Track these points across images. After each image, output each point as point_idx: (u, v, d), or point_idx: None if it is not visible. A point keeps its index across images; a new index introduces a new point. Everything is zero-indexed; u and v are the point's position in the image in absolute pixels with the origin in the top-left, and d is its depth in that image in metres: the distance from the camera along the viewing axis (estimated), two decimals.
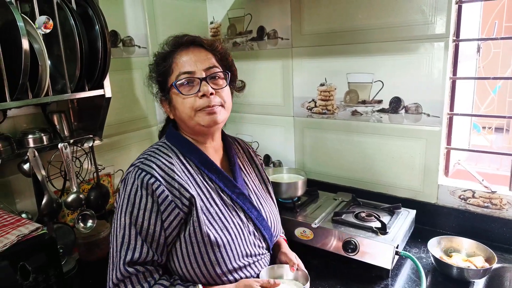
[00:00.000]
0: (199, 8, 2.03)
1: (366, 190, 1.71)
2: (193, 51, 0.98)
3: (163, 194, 0.89)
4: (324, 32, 1.67)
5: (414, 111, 1.51)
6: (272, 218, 1.09)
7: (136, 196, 0.89)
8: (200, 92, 0.94)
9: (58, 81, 1.23)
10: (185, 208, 0.91)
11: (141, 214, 0.88)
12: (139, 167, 0.92)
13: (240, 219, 0.99)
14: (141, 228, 0.88)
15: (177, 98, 0.97)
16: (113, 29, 1.60)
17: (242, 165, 1.14)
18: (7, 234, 1.04)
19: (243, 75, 2.03)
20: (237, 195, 1.00)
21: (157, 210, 0.89)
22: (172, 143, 1.01)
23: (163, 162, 0.94)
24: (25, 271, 1.00)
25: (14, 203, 1.36)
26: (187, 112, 0.95)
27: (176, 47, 0.99)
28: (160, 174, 0.91)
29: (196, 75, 0.95)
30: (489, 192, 1.44)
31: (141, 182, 0.89)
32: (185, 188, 0.92)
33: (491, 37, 1.59)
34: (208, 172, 0.99)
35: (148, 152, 0.98)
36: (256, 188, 1.12)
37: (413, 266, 1.33)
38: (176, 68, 0.96)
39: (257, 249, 1.01)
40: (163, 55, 1.00)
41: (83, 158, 1.47)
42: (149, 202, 0.89)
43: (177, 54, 0.98)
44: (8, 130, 1.31)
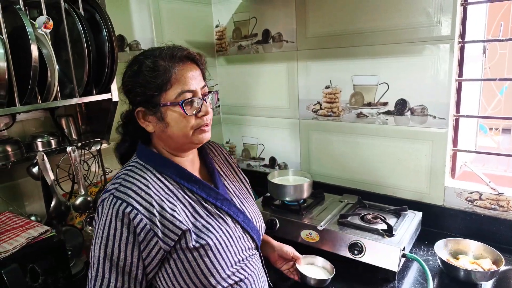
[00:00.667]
0: (204, 12, 2.04)
1: (372, 192, 1.71)
2: (190, 68, 0.93)
3: (141, 223, 0.84)
4: (329, 35, 1.68)
5: (420, 113, 1.51)
6: (256, 217, 1.08)
7: (111, 227, 0.84)
8: (201, 112, 0.93)
9: (66, 85, 1.25)
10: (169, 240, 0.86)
11: (116, 246, 0.84)
12: (113, 195, 0.86)
13: (227, 225, 0.96)
14: (117, 261, 0.84)
15: (175, 115, 0.91)
16: (120, 34, 1.62)
17: (220, 169, 1.12)
18: (17, 236, 1.06)
19: (248, 78, 2.04)
20: (221, 201, 0.98)
21: (134, 240, 0.84)
22: (145, 162, 0.95)
23: (139, 186, 0.88)
24: (34, 273, 1.02)
25: (23, 206, 1.38)
26: (185, 131, 0.92)
27: (174, 61, 0.91)
28: (137, 200, 0.85)
29: (198, 95, 0.92)
30: (496, 194, 1.43)
31: (116, 213, 0.84)
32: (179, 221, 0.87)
33: (497, 38, 1.58)
34: (187, 184, 0.95)
35: (122, 175, 0.91)
36: (237, 190, 1.11)
37: (420, 269, 1.32)
38: (177, 84, 0.90)
39: (247, 252, 1.00)
40: (164, 67, 0.89)
41: (91, 161, 1.49)
42: (125, 233, 0.83)
43: (176, 69, 0.90)
44: (18, 134, 1.33)
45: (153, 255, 0.86)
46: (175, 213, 0.88)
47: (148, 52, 0.94)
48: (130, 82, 0.93)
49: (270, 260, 1.28)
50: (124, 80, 0.96)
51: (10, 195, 1.34)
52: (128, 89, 0.94)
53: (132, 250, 0.84)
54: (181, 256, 0.88)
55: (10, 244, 1.01)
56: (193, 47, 1.99)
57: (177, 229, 0.87)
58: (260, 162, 2.14)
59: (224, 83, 2.16)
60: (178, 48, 0.93)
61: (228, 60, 2.10)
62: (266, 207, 1.64)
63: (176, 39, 1.88)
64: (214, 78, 2.16)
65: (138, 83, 0.91)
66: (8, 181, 1.33)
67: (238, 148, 2.23)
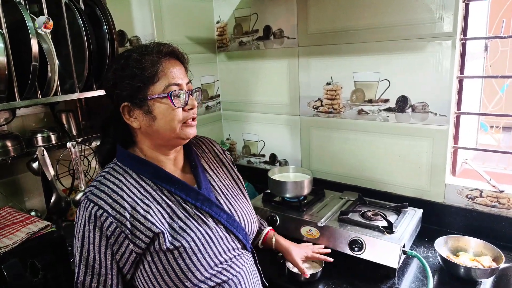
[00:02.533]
0: (205, 7, 2.03)
1: (372, 189, 1.71)
2: (175, 63, 0.95)
3: (111, 226, 0.85)
4: (330, 31, 1.67)
5: (421, 110, 1.51)
6: (246, 217, 1.06)
7: (85, 230, 0.86)
8: (188, 105, 0.94)
9: (67, 80, 1.24)
10: (140, 243, 0.86)
11: (91, 249, 0.86)
12: (88, 198, 0.88)
13: (207, 226, 0.94)
14: (93, 263, 0.86)
15: (163, 108, 0.91)
16: (121, 29, 1.61)
17: (207, 166, 1.10)
18: (17, 231, 1.06)
19: (249, 74, 2.03)
20: (201, 202, 0.96)
21: (106, 243, 0.86)
22: (123, 164, 0.95)
23: (112, 188, 0.89)
24: (34, 268, 1.01)
25: (23, 201, 1.38)
26: (173, 124, 0.92)
27: (161, 56, 0.93)
28: (109, 203, 0.87)
29: (184, 89, 0.94)
30: (496, 192, 1.43)
31: (88, 215, 0.86)
32: (151, 223, 0.87)
33: (498, 35, 1.58)
34: (165, 185, 0.94)
35: (98, 178, 0.93)
36: (225, 188, 1.08)
37: (420, 266, 1.32)
38: (164, 77, 0.91)
39: (230, 253, 0.97)
40: (152, 60, 0.91)
41: (91, 157, 1.48)
42: (97, 235, 0.86)
43: (163, 63, 0.92)
44: (17, 129, 1.33)
45: (126, 257, 0.87)
46: (148, 214, 0.88)
47: (134, 48, 0.96)
48: (116, 76, 0.93)
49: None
50: (108, 75, 0.95)
51: (10, 190, 1.34)
52: (114, 83, 0.93)
53: (105, 253, 0.86)
54: (154, 258, 0.87)
55: (10, 239, 1.01)
56: (194, 43, 2.00)
57: (148, 232, 0.86)
58: (260, 159, 2.14)
59: (225, 79, 2.16)
60: (163, 44, 0.94)
61: (229, 56, 2.10)
62: (267, 204, 1.64)
63: (176, 35, 1.88)
64: (214, 74, 2.15)
65: (125, 76, 0.91)
66: (8, 176, 1.33)
67: (238, 145, 2.22)
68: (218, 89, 2.19)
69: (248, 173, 2.11)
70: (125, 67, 0.91)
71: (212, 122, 2.18)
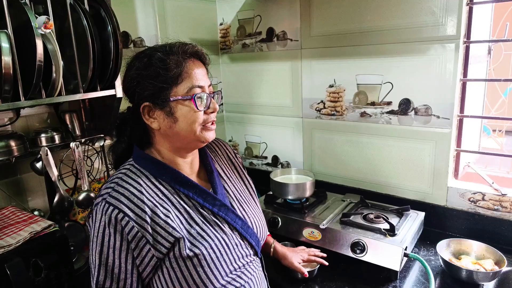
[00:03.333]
0: (208, 9, 2.04)
1: (374, 191, 1.71)
2: (198, 65, 0.93)
3: (133, 230, 0.83)
4: (333, 34, 1.68)
5: (423, 113, 1.51)
6: (257, 223, 1.05)
7: (105, 234, 0.83)
8: (210, 109, 0.92)
9: (71, 81, 1.25)
10: (162, 248, 0.85)
11: (111, 253, 0.83)
12: (106, 201, 0.85)
13: (224, 232, 0.93)
14: (112, 267, 0.84)
15: (185, 110, 0.90)
16: (125, 30, 1.62)
17: (221, 170, 1.09)
18: (20, 231, 1.06)
19: (252, 76, 2.04)
20: (218, 207, 0.94)
21: (127, 248, 0.83)
22: (140, 165, 0.93)
23: (132, 191, 0.86)
24: (37, 268, 1.02)
25: (26, 201, 1.38)
26: (193, 127, 0.90)
27: (185, 56, 0.91)
28: (129, 207, 0.84)
29: (206, 91, 0.92)
30: (499, 195, 1.42)
31: (108, 219, 0.83)
32: (172, 228, 0.85)
33: (502, 38, 1.58)
34: (183, 189, 0.92)
35: (115, 179, 0.90)
36: (238, 193, 1.06)
37: (422, 268, 1.32)
38: (188, 78, 0.89)
39: (244, 260, 0.96)
40: (176, 61, 0.89)
41: (94, 157, 1.49)
42: (118, 240, 0.83)
43: (187, 64, 0.90)
44: (21, 129, 1.33)
45: (146, 262, 0.85)
46: (169, 219, 0.86)
47: (157, 46, 0.93)
48: (138, 75, 0.90)
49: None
50: (130, 74, 0.92)
51: (13, 190, 1.34)
52: (137, 82, 0.90)
53: (126, 258, 0.84)
54: (173, 265, 0.86)
55: (13, 238, 1.02)
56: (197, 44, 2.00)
57: (170, 237, 0.85)
58: (262, 161, 2.15)
59: (228, 81, 2.16)
60: (188, 44, 0.93)
61: (232, 58, 2.10)
62: (269, 206, 1.64)
63: (180, 37, 1.86)
64: (217, 76, 2.16)
65: (148, 76, 0.89)
66: (12, 176, 1.34)
67: (241, 146, 2.23)
68: (221, 91, 2.19)
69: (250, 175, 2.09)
70: (149, 66, 0.89)
71: None
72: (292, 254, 1.32)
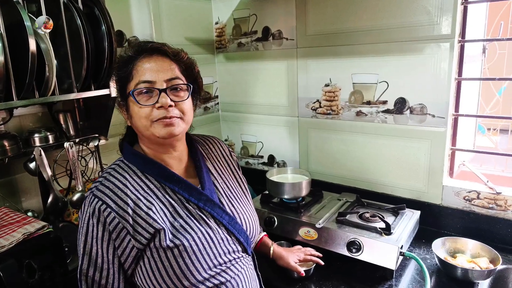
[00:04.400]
0: (204, 8, 2.03)
1: (370, 190, 1.71)
2: (156, 60, 0.92)
3: (114, 221, 0.86)
4: (329, 33, 1.67)
5: (419, 112, 1.51)
6: (248, 220, 1.05)
7: (89, 224, 0.88)
8: (158, 103, 0.89)
9: (64, 80, 1.24)
10: (142, 238, 0.87)
11: (94, 243, 0.88)
12: (93, 193, 0.90)
13: (209, 226, 0.93)
14: (95, 257, 0.88)
15: (133, 106, 0.92)
16: (119, 29, 1.61)
17: (212, 166, 1.09)
18: (13, 232, 1.05)
19: (248, 76, 2.03)
20: (204, 202, 0.96)
21: (108, 238, 0.87)
22: (129, 161, 0.97)
23: (117, 185, 0.90)
24: (31, 269, 1.01)
25: (20, 201, 1.37)
26: (142, 122, 0.91)
27: (138, 53, 0.92)
28: (113, 199, 0.88)
29: (156, 86, 0.90)
30: (494, 193, 1.43)
31: (92, 210, 0.88)
32: (153, 219, 0.88)
33: (496, 38, 1.58)
34: (169, 184, 0.94)
35: (104, 174, 0.95)
36: (229, 190, 1.07)
37: (418, 267, 1.32)
38: (136, 75, 0.91)
39: (230, 255, 0.97)
40: (125, 59, 0.93)
41: (89, 157, 1.48)
42: (100, 230, 0.87)
43: (138, 61, 0.92)
44: (15, 129, 1.32)
45: (127, 252, 0.88)
46: (151, 211, 0.89)
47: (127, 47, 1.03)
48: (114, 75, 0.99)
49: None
50: None
51: (6, 191, 1.33)
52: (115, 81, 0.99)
53: (108, 247, 0.88)
54: (154, 255, 0.88)
55: (6, 239, 1.01)
56: (193, 43, 1.99)
57: (150, 228, 0.87)
58: (258, 160, 2.14)
59: (224, 81, 2.15)
60: (146, 42, 0.96)
61: (228, 57, 2.10)
62: (265, 205, 1.63)
63: (175, 36, 1.88)
64: (213, 75, 2.15)
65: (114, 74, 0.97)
66: (5, 176, 1.33)
67: (237, 146, 2.22)
68: (217, 90, 2.19)
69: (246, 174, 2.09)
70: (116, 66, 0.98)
71: (210, 123, 2.18)
72: (288, 254, 1.32)
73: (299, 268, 1.27)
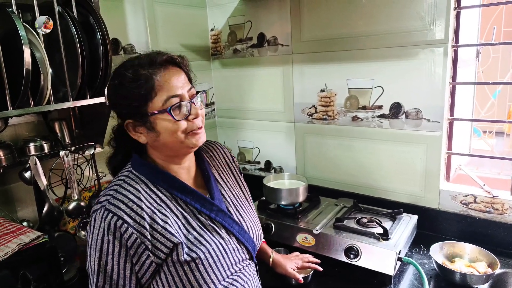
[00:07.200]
0: (199, 15, 2.04)
1: (367, 195, 1.71)
2: (173, 72, 0.90)
3: (132, 237, 0.83)
4: (324, 39, 1.68)
5: (414, 117, 1.51)
6: (253, 227, 1.05)
7: (104, 241, 0.84)
8: (191, 115, 0.90)
9: (60, 89, 1.23)
10: (160, 253, 0.85)
11: (109, 260, 0.84)
12: (105, 208, 0.85)
13: (221, 237, 0.93)
14: (111, 274, 0.84)
15: (165, 123, 0.89)
16: (114, 37, 1.61)
17: (218, 175, 1.08)
18: (8, 242, 1.04)
19: (244, 82, 2.03)
20: (215, 213, 0.95)
21: (126, 254, 0.84)
22: (138, 172, 0.93)
23: (131, 198, 0.87)
24: (26, 280, 1.00)
25: (15, 211, 1.36)
26: (177, 136, 0.89)
27: (155, 67, 0.88)
28: (128, 213, 0.85)
29: (185, 99, 0.90)
30: (490, 197, 1.43)
31: (108, 226, 0.83)
32: (170, 233, 0.86)
33: (490, 42, 1.60)
34: (181, 195, 0.93)
35: (114, 186, 0.90)
36: (235, 198, 1.07)
37: (416, 272, 1.32)
38: (161, 91, 0.87)
39: (241, 264, 0.97)
40: (145, 76, 0.86)
41: (85, 166, 1.47)
42: (117, 247, 0.84)
43: (158, 75, 0.88)
44: (10, 138, 1.31)
45: (145, 268, 0.85)
46: (167, 225, 0.87)
47: (128, 63, 0.91)
48: (113, 96, 0.92)
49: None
50: (108, 95, 0.96)
51: (1, 200, 1.32)
52: (113, 102, 0.93)
53: (125, 264, 0.84)
54: (171, 270, 0.86)
55: (1, 250, 1.00)
56: (188, 50, 2.00)
57: (168, 242, 0.85)
58: (255, 166, 2.14)
59: (219, 87, 2.16)
60: (157, 54, 0.90)
61: (223, 64, 2.10)
62: (262, 211, 1.63)
63: (171, 43, 1.88)
64: (209, 82, 2.15)
65: (121, 96, 0.89)
66: (0, 186, 1.32)
67: (233, 152, 2.22)
68: (213, 97, 2.19)
69: None
70: (120, 87, 0.89)
71: (207, 129, 2.13)
72: (286, 261, 1.31)
73: (297, 275, 1.27)
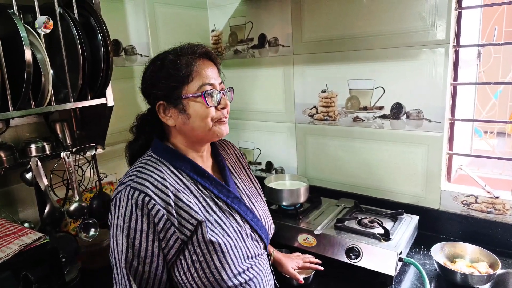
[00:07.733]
0: (200, 16, 2.04)
1: (368, 196, 1.71)
2: (209, 64, 0.99)
3: (159, 213, 0.86)
4: (325, 39, 1.68)
5: (415, 117, 1.51)
6: (266, 217, 1.10)
7: (132, 217, 0.86)
8: (221, 104, 0.97)
9: (61, 90, 1.24)
10: (186, 230, 0.89)
11: (137, 237, 0.86)
12: (131, 186, 0.88)
13: (237, 222, 0.98)
14: (139, 250, 0.86)
15: (197, 106, 0.95)
16: (115, 38, 1.61)
17: (231, 167, 1.14)
18: (10, 243, 1.04)
19: (245, 83, 2.03)
20: (231, 199, 1.00)
21: (154, 230, 0.86)
22: (159, 156, 0.98)
23: (155, 177, 0.90)
24: (27, 281, 1.00)
25: (17, 212, 1.36)
26: (206, 122, 0.95)
27: (195, 56, 0.98)
28: (154, 191, 0.88)
29: (217, 88, 0.98)
30: (492, 197, 1.43)
31: (135, 203, 0.86)
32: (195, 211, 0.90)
33: (491, 42, 1.59)
34: (201, 180, 0.98)
35: (137, 168, 0.94)
36: (247, 189, 1.12)
37: (417, 273, 1.32)
38: (198, 77, 0.95)
39: (256, 250, 1.01)
40: (186, 61, 0.95)
41: (86, 167, 1.47)
42: (145, 223, 0.86)
43: (197, 63, 0.96)
44: (11, 139, 1.31)
45: (171, 244, 0.88)
46: (191, 203, 0.90)
47: (170, 50, 1.00)
48: (153, 76, 0.97)
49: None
50: (145, 76, 1.00)
51: (3, 201, 1.32)
52: (152, 83, 0.98)
53: (153, 241, 0.87)
54: (196, 248, 0.89)
55: (2, 251, 1.00)
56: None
57: (193, 219, 0.89)
58: (256, 167, 2.14)
59: None
60: (198, 45, 1.00)
61: (224, 65, 2.10)
62: None
63: (171, 44, 1.84)
64: None
65: (161, 77, 0.95)
66: (1, 187, 1.32)
67: None
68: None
69: None
70: (161, 68, 0.96)
71: None
72: (287, 261, 1.32)
73: (298, 275, 1.27)
